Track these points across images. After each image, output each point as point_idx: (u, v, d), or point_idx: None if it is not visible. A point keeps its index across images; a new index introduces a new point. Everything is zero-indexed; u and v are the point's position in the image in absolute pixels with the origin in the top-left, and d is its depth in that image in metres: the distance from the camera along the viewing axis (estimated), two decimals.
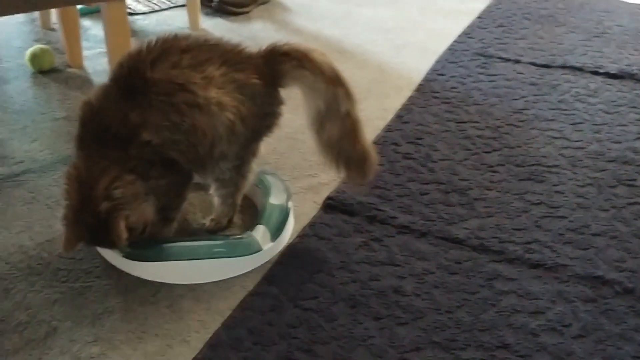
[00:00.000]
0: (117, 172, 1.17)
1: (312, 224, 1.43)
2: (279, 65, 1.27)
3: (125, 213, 1.16)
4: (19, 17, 2.42)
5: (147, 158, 1.20)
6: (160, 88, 1.18)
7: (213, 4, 2.54)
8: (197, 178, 1.34)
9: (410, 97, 1.97)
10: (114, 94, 1.20)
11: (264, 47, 1.29)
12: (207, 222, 1.41)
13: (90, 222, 1.16)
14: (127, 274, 1.28)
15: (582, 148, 1.71)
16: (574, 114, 1.87)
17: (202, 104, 1.19)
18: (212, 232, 1.40)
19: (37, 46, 2.05)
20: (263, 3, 2.66)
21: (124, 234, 1.15)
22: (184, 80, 1.19)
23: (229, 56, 1.25)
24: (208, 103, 1.19)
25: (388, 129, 1.80)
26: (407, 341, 1.15)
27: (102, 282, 1.27)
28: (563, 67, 2.14)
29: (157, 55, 1.20)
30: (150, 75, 1.18)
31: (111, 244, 1.19)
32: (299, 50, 1.27)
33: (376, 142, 1.72)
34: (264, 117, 1.30)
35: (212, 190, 1.38)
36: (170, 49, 1.21)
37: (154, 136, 1.18)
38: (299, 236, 1.39)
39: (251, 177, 1.39)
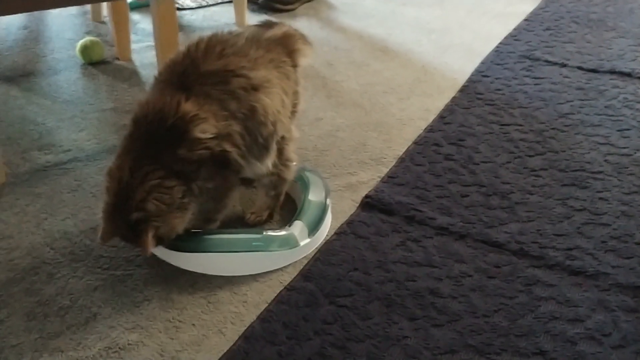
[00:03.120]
0: (158, 179, 1.18)
1: (349, 222, 1.43)
2: (295, 46, 1.39)
3: (155, 225, 1.18)
4: (72, 10, 2.48)
5: (196, 158, 1.20)
6: (215, 78, 1.22)
7: (260, 0, 2.56)
8: (247, 172, 1.34)
9: (454, 98, 1.95)
10: (169, 90, 1.22)
11: (274, 32, 1.38)
12: (247, 215, 1.43)
13: (122, 223, 1.19)
14: (167, 264, 1.30)
15: (629, 155, 1.68)
16: (621, 120, 1.83)
17: (257, 84, 1.25)
18: (251, 226, 1.41)
19: (88, 38, 2.10)
20: (309, 1, 2.67)
21: (151, 245, 1.18)
22: (234, 67, 1.24)
23: (257, 40, 1.32)
24: (261, 82, 1.25)
25: (430, 129, 1.78)
26: (442, 343, 1.14)
27: (142, 270, 1.30)
28: (611, 72, 2.10)
29: (205, 51, 1.25)
30: (204, 69, 1.23)
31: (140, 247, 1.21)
32: (296, 31, 1.44)
33: (417, 143, 1.72)
34: (294, 96, 1.39)
35: (256, 182, 1.41)
36: (213, 43, 1.27)
37: (208, 129, 1.20)
38: (336, 233, 1.40)
39: (292, 168, 1.41)
